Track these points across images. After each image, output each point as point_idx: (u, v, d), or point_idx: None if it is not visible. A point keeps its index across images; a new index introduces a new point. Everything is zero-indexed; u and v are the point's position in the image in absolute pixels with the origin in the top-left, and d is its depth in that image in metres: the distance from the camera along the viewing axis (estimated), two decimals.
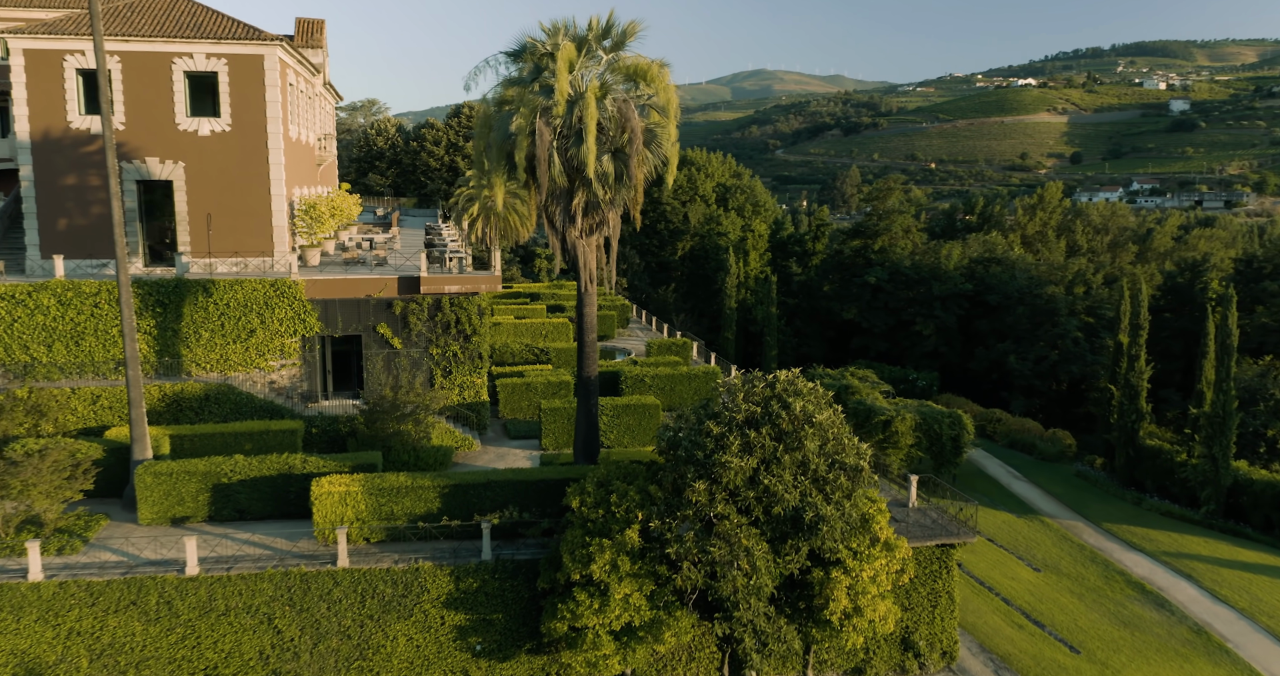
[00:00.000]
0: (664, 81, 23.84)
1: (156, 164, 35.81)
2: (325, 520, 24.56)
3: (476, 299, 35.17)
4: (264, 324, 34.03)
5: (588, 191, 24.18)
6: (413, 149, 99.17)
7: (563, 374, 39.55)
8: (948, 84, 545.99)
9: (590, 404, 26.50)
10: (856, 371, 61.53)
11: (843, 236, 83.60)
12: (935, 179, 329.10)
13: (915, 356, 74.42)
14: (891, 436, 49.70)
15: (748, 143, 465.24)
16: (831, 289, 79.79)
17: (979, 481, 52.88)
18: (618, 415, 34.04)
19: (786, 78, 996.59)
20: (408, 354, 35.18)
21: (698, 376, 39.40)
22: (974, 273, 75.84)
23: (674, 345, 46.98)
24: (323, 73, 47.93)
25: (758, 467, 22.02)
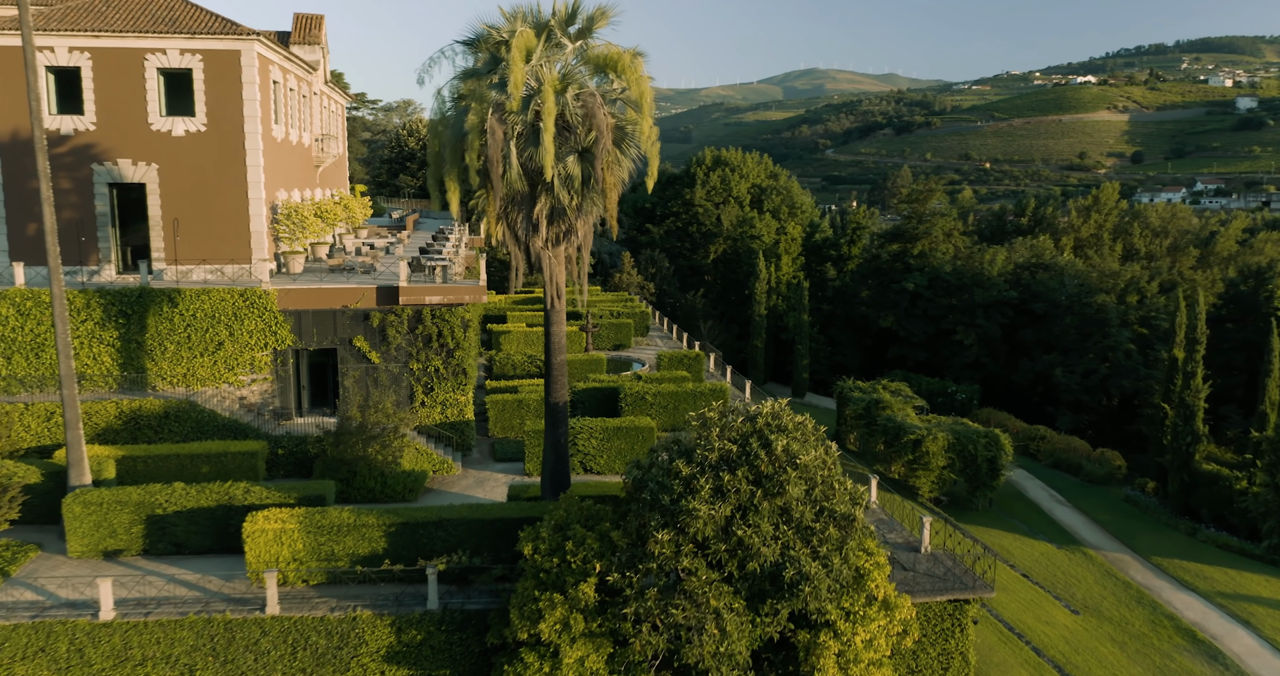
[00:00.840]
0: (636, 72, 21.03)
1: (129, 166, 33.92)
2: (258, 560, 22.18)
3: (460, 311, 32.67)
4: (232, 336, 31.91)
5: (550, 197, 21.45)
6: None
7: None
8: (1004, 82, 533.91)
9: (558, 433, 23.77)
10: (889, 384, 58.00)
11: (880, 240, 79.87)
12: (990, 179, 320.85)
13: (955, 367, 70.52)
14: (922, 457, 46.29)
15: (797, 142, 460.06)
16: (868, 295, 76.16)
17: (1018, 505, 49.12)
18: (608, 438, 31.30)
19: (839, 76, 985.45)
20: (386, 369, 32.81)
21: (704, 394, 36.48)
22: (1019, 279, 71.66)
23: (685, 358, 44.08)
24: (321, 70, 45.92)
25: (732, 516, 19.10)
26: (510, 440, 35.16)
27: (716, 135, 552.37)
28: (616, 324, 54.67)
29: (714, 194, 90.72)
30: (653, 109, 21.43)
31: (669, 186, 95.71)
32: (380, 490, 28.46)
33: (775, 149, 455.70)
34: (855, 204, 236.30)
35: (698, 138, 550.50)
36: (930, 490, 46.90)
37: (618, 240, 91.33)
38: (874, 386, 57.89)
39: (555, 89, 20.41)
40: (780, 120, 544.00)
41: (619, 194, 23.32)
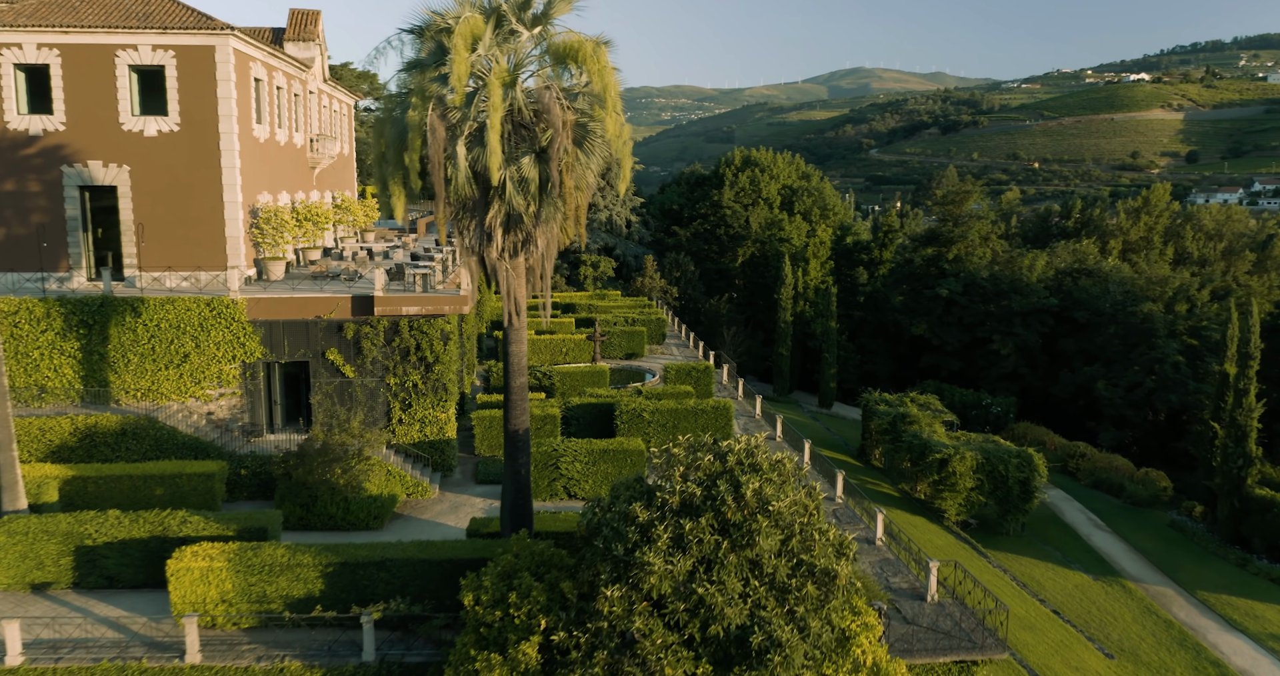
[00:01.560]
0: (599, 63, 18.62)
1: (99, 168, 32.32)
2: (184, 601, 20.17)
3: (439, 323, 30.54)
4: (199, 348, 30.09)
5: (504, 203, 19.14)
6: None
7: (551, 406, 34.64)
8: (1055, 80, 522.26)
9: (518, 464, 21.44)
10: (918, 397, 54.90)
11: (914, 244, 76.52)
12: (1038, 179, 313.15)
13: (991, 378, 67.06)
14: (948, 477, 43.27)
15: (841, 142, 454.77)
16: (900, 301, 72.92)
17: (1052, 530, 45.87)
18: (594, 461, 28.94)
19: (885, 75, 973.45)
20: (362, 384, 30.79)
21: (705, 412, 33.98)
22: (1060, 285, 67.97)
23: (694, 370, 41.59)
24: (318, 67, 44.16)
25: (695, 570, 16.64)
26: (496, 459, 32.93)
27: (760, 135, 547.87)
28: (629, 332, 52.33)
29: (743, 195, 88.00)
30: (619, 104, 19.02)
31: (697, 187, 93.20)
32: (342, 517, 26.41)
33: (818, 149, 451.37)
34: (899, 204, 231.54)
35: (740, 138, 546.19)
36: (957, 512, 43.88)
37: (644, 242, 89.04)
38: (901, 399, 54.90)
39: (504, 82, 18.10)
40: (824, 120, 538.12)
41: (589, 198, 20.94)
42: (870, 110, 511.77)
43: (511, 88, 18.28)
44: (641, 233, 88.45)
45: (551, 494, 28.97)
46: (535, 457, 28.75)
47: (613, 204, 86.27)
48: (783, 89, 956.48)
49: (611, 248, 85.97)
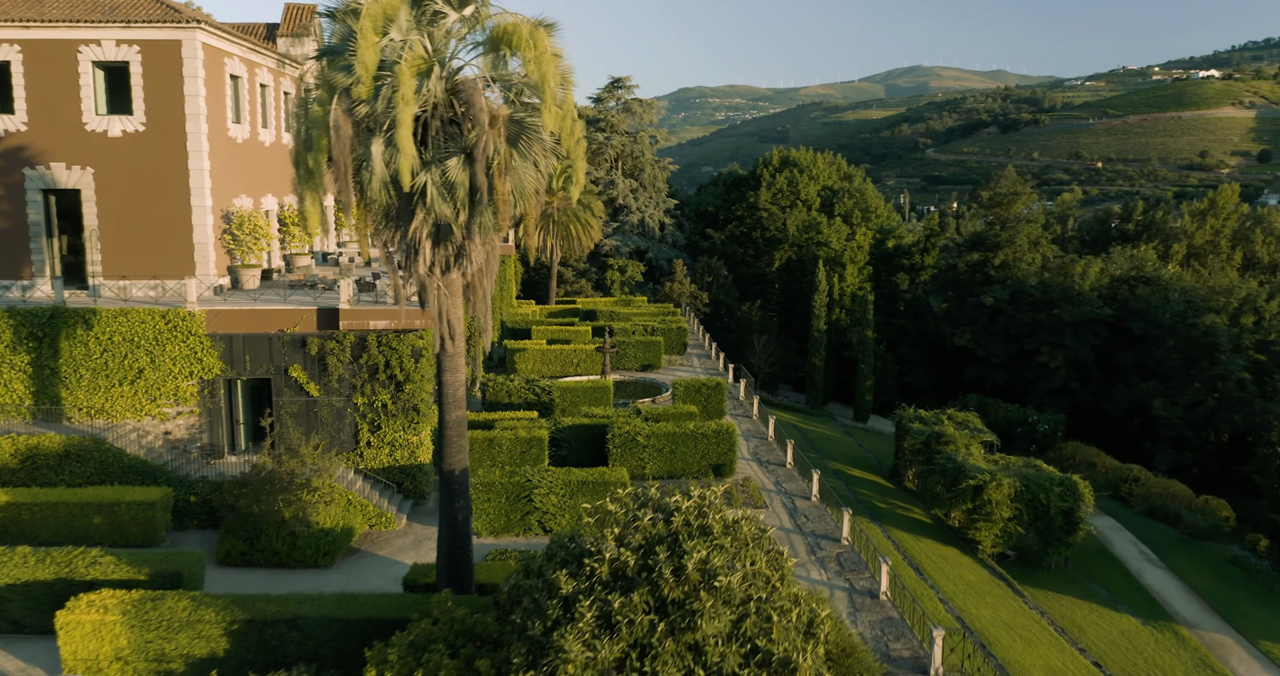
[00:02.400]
0: (537, 48, 15.89)
1: (63, 170, 30.49)
2: (75, 657, 17.91)
3: (411, 338, 28.10)
4: (154, 363, 28.03)
5: (427, 211, 16.50)
6: None
7: (540, 427, 32.02)
8: (1120, 78, 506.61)
9: (454, 509, 18.78)
10: (955, 414, 51.19)
11: (958, 248, 72.45)
12: (1101, 179, 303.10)
13: (1039, 393, 62.88)
14: (983, 506, 39.67)
15: (896, 141, 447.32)
16: (943, 310, 68.99)
17: (1099, 564, 41.97)
18: (570, 494, 26.22)
19: (944, 74, 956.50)
20: (328, 403, 28.49)
21: (706, 436, 31.06)
22: (1116, 294, 63.49)
23: (704, 387, 38.64)
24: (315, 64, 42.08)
25: (625, 657, 13.81)
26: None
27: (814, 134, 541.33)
28: (645, 342, 49.52)
29: (780, 197, 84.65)
30: (558, 96, 16.25)
31: (734, 189, 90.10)
32: (288, 553, 24.06)
33: (873, 148, 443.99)
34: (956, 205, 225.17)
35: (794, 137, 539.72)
36: (993, 544, 40.25)
37: (678, 245, 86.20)
38: (937, 416, 51.27)
39: (418, 70, 15.45)
40: (880, 119, 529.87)
41: (538, 205, 18.23)
42: (927, 109, 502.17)
43: (427, 76, 15.62)
44: (676, 235, 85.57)
45: (525, 528, 26.34)
46: (507, 488, 26.12)
47: (645, 206, 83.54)
48: (838, 88, 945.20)
49: (643, 251, 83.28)
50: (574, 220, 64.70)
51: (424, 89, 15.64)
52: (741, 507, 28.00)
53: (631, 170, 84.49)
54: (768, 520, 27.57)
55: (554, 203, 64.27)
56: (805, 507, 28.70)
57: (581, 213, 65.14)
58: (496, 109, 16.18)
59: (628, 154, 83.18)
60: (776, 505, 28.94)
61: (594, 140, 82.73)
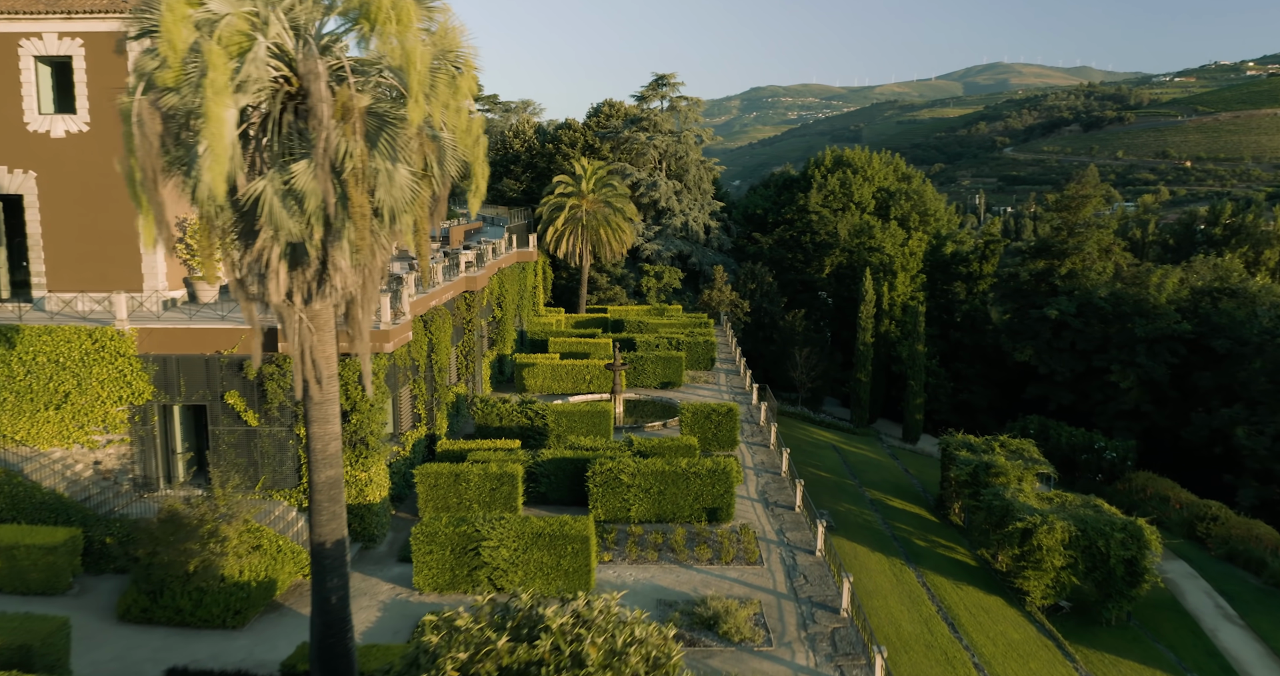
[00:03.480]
0: (402, 23, 12.50)
1: (4, 174, 28.16)
2: None
3: (356, 361, 24.95)
4: (80, 386, 25.43)
5: (273, 228, 13.17)
6: (548, 151, 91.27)
7: (513, 462, 28.67)
8: (1211, 73, 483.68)
9: (327, 589, 15.41)
10: (1009, 442, 46.33)
11: (1021, 255, 66.93)
12: (1190, 179, 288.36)
13: (1107, 416, 57.26)
14: (1032, 552, 35.12)
15: (973, 140, 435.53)
16: (1003, 322, 63.69)
17: (1168, 620, 36.94)
18: (525, 547, 22.70)
19: (1025, 71, 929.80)
20: (270, 434, 25.53)
21: (700, 476, 27.27)
22: (1196, 308, 57.49)
23: (714, 413, 34.80)
24: None
25: None
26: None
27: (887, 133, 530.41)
28: (666, 357, 45.81)
29: (832, 199, 79.99)
30: (426, 84, 12.78)
31: (784, 190, 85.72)
32: (192, 611, 21.06)
33: (948, 147, 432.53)
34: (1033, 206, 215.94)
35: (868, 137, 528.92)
36: (1044, 596, 35.60)
37: (724, 250, 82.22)
38: (988, 443, 46.51)
39: (236, 50, 12.11)
40: (956, 117, 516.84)
41: (424, 217, 14.77)
42: (1006, 107, 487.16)
43: (243, 57, 12.25)
44: (722, 239, 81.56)
45: (473, 585, 22.94)
46: (451, 539, 22.74)
47: (689, 209, 79.76)
48: (915, 86, 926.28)
49: (686, 255, 79.50)
50: (603, 224, 61.36)
51: (243, 73, 12.28)
52: (732, 563, 24.29)
53: (675, 171, 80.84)
54: (759, 580, 23.70)
55: (582, 206, 61.03)
56: (807, 565, 24.75)
57: (612, 216, 61.76)
58: (351, 99, 12.76)
59: (671, 154, 79.54)
60: (774, 560, 25.03)
61: (635, 140, 79.34)
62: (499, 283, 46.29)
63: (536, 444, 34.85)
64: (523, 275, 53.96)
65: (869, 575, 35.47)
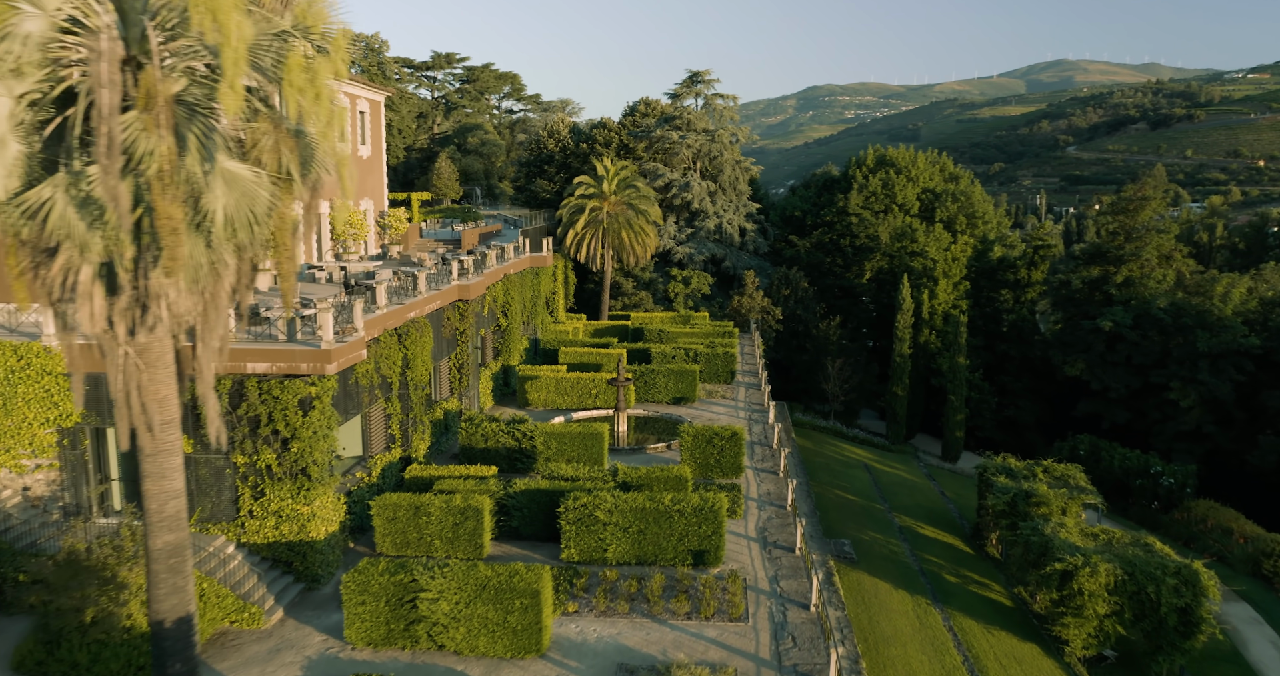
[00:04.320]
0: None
1: None
2: None
3: (297, 385, 22.48)
4: (4, 407, 23.36)
5: (77, 245, 10.59)
6: (582, 151, 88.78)
7: (482, 492, 26.02)
8: None
9: (169, 673, 12.79)
10: (1054, 467, 42.51)
11: (1074, 262, 62.47)
12: (1264, 179, 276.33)
13: (1166, 437, 52.85)
14: (1072, 597, 31.57)
15: (1035, 139, 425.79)
16: (1053, 333, 59.43)
17: (1226, 675, 33.06)
18: (469, 601, 19.94)
19: (1090, 68, 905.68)
20: (207, 461, 23.18)
21: (686, 515, 24.28)
22: (1266, 319, 52.76)
23: (717, 436, 31.74)
24: None
25: None
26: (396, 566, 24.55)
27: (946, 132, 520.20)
28: (679, 370, 42.84)
29: (873, 200, 76.17)
30: (245, 64, 10.06)
31: (824, 191, 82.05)
32: (89, 665, 18.69)
33: (1009, 146, 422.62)
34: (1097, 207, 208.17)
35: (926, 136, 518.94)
36: (1085, 646, 32.00)
37: (760, 253, 78.87)
38: (1030, 468, 42.81)
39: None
40: (1018, 116, 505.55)
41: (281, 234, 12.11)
42: (1070, 104, 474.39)
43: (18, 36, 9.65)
44: (758, 242, 78.18)
45: (412, 641, 20.26)
46: (385, 588, 20.10)
47: (724, 210, 76.57)
48: (975, 84, 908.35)
49: (720, 259, 76.31)
50: (626, 227, 58.55)
51: (18, 55, 9.68)
52: (712, 619, 21.28)
53: (710, 171, 77.72)
54: (739, 641, 20.65)
55: (604, 208, 58.31)
56: (799, 624, 21.61)
57: (635, 219, 58.92)
58: (156, 85, 10.10)
59: (705, 154, 76.42)
60: (761, 616, 21.95)
61: (667, 139, 76.37)
62: (504, 289, 43.75)
63: (525, 467, 32.23)
64: (536, 281, 51.39)
65: (888, 617, 32.15)
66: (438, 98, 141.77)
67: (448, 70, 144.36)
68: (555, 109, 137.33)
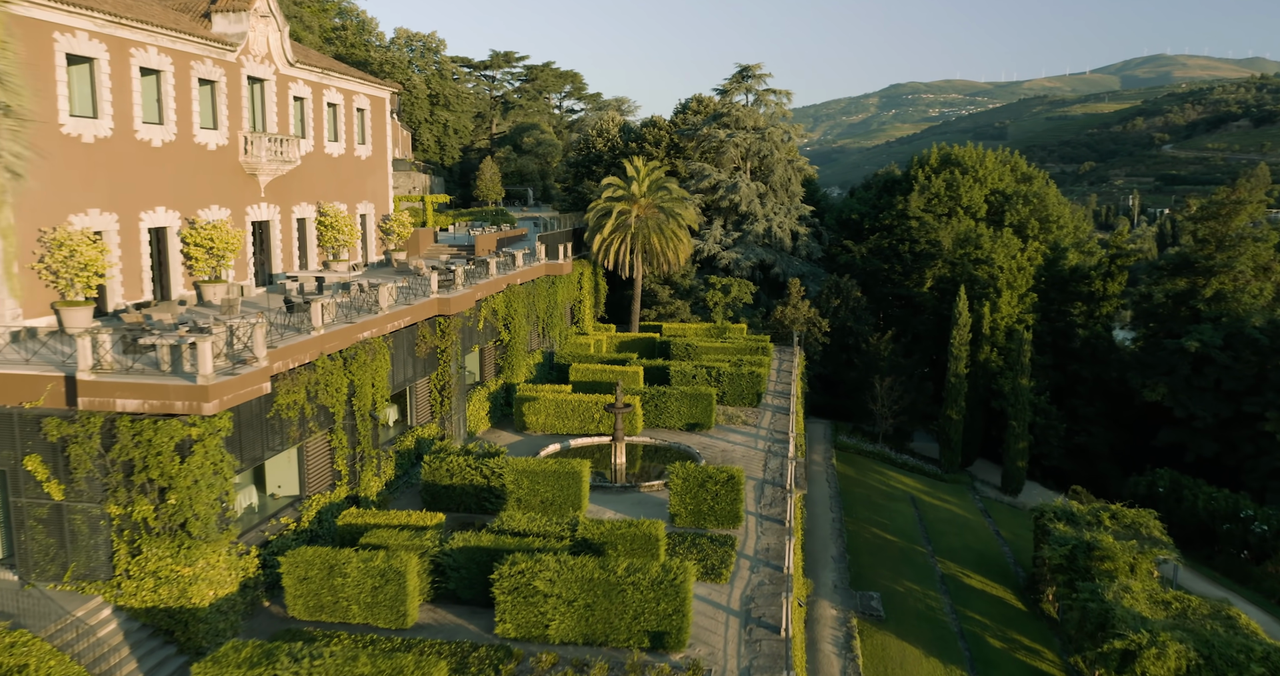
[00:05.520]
0: None
1: None
2: None
3: (172, 426, 19.00)
4: None
5: None
6: (631, 151, 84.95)
7: (410, 550, 22.25)
8: None
9: None
10: (1124, 512, 37.08)
11: (1157, 272, 55.99)
12: None
13: (1260, 474, 46.44)
14: None
15: (1129, 137, 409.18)
16: (1131, 353, 53.24)
17: None
18: None
19: (1190, 63, 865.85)
20: (81, 510, 19.88)
21: (641, 588, 20.05)
22: None
23: (710, 480, 27.36)
24: (262, 45, 34.10)
25: None
26: (306, 632, 20.92)
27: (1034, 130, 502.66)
28: (691, 394, 38.54)
29: (936, 203, 70.47)
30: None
31: (884, 193, 76.55)
32: None
33: (1101, 144, 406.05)
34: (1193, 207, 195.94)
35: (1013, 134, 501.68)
36: None
37: (814, 259, 73.83)
38: (1095, 513, 37.56)
39: None
40: (1111, 113, 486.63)
41: None
42: (1167, 101, 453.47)
43: None
44: (811, 247, 73.12)
45: None
46: None
47: (774, 212, 71.81)
48: (1067, 80, 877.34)
49: (769, 265, 71.57)
50: (656, 232, 54.37)
51: None
52: None
53: (761, 171, 73.04)
54: None
55: (633, 211, 54.25)
56: None
57: (666, 222, 54.69)
58: None
59: (754, 152, 71.76)
60: None
61: (714, 138, 71.97)
62: (505, 301, 40.08)
63: (494, 508, 28.42)
64: (553, 290, 47.61)
65: None
66: (496, 97, 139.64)
67: (506, 69, 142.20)
68: (610, 107, 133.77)
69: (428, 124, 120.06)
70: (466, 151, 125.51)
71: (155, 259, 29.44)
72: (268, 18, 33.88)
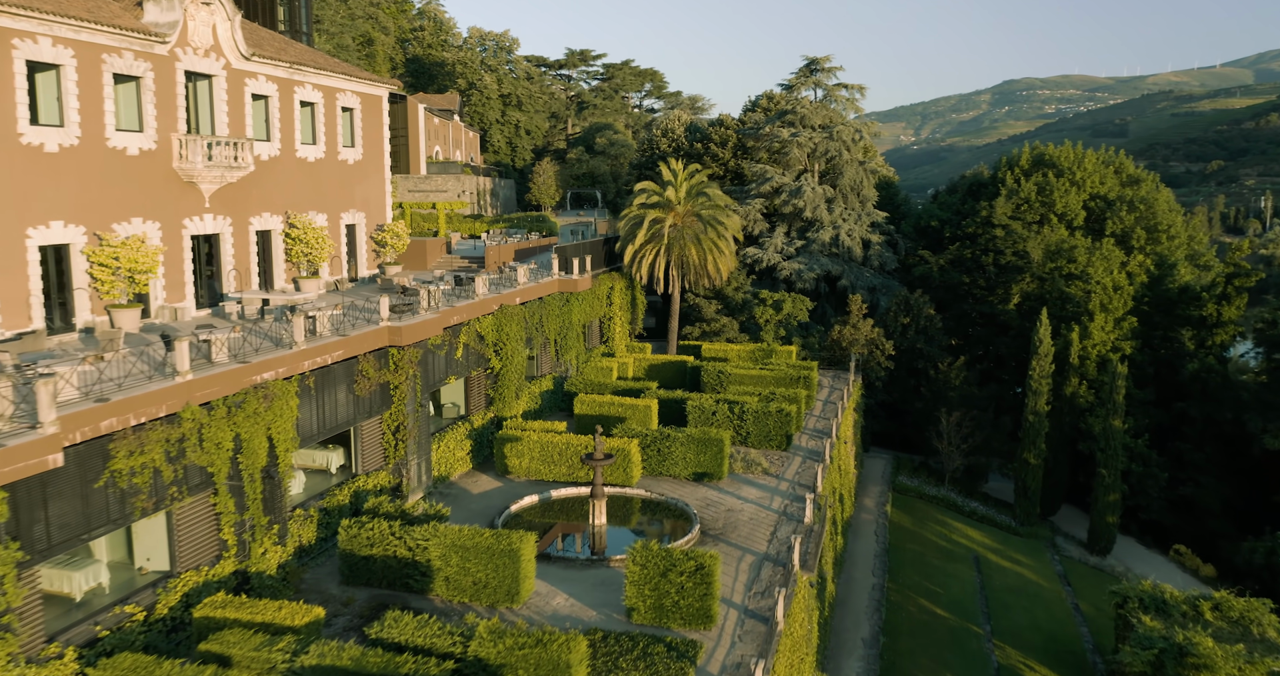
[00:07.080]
0: None
1: None
2: None
3: None
4: None
5: None
6: (696, 151, 79.57)
7: (252, 667, 17.44)
8: None
9: None
10: (1232, 602, 29.91)
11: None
12: None
13: None
14: None
15: (1262, 134, 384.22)
16: (1249, 391, 44.99)
17: None
18: None
19: None
20: None
21: None
22: None
23: (673, 568, 21.74)
24: (221, 38, 29.94)
25: None
26: None
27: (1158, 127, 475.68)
28: (699, 438, 32.89)
29: (1026, 209, 62.74)
30: None
31: (969, 198, 69.01)
32: None
33: (1231, 142, 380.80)
34: None
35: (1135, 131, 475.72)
36: None
37: (887, 270, 66.92)
38: (1194, 602, 30.46)
39: None
40: (1243, 108, 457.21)
41: None
42: None
43: None
44: (885, 257, 66.26)
45: None
46: None
47: (842, 219, 65.28)
48: (1195, 75, 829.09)
49: (836, 276, 65.10)
50: (693, 242, 48.74)
51: None
52: None
53: (829, 174, 66.64)
54: None
55: (668, 219, 48.75)
56: None
57: (704, 233, 49.00)
58: None
59: (821, 153, 65.38)
60: None
61: (775, 137, 65.89)
62: (495, 325, 35.21)
63: (420, 587, 23.50)
64: (566, 308, 42.59)
65: None
66: (571, 97, 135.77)
67: (583, 68, 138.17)
68: (684, 105, 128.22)
69: (499, 125, 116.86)
70: (540, 153, 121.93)
71: (53, 281, 25.55)
72: (210, 5, 29.72)
